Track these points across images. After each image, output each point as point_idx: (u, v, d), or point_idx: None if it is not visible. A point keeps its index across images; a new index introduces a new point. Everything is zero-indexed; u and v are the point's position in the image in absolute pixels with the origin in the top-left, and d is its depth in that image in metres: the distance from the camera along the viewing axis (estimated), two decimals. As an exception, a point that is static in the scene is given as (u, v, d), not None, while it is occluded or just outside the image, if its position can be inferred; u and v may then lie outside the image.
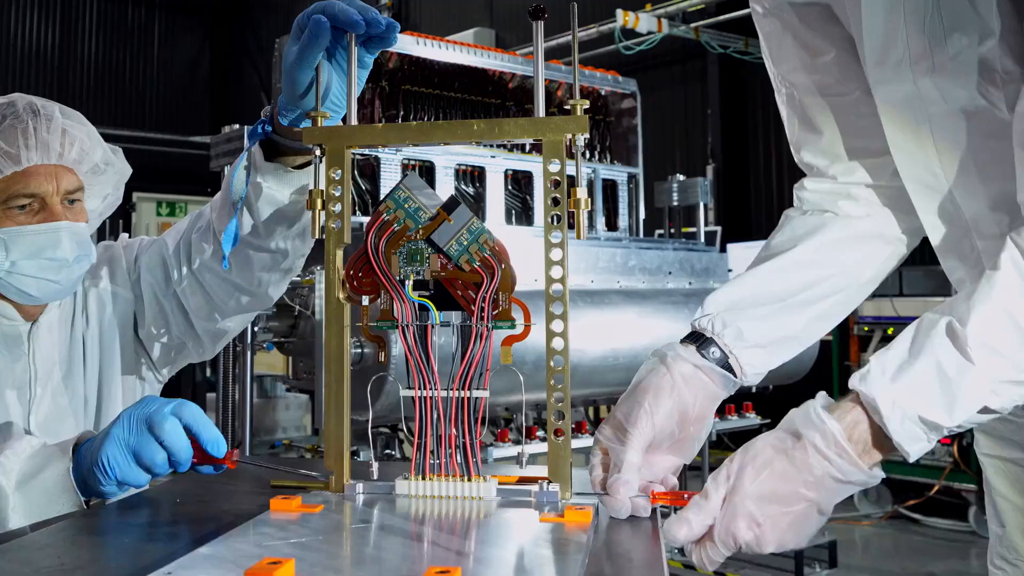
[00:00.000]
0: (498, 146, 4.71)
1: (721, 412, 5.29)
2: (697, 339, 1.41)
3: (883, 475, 1.16)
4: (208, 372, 8.79)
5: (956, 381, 1.13)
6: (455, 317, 1.27)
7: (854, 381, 1.17)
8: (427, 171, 4.46)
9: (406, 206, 1.29)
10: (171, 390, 2.09)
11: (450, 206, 1.28)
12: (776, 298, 1.44)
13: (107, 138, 1.87)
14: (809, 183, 1.57)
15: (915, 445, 1.15)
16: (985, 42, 1.27)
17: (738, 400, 4.97)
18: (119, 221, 10.22)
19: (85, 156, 1.78)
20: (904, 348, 1.17)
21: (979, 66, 1.28)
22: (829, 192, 1.55)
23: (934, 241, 1.44)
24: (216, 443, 1.39)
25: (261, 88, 16.76)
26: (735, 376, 1.42)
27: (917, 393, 1.13)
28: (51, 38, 16.61)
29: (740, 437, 8.99)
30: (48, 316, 1.84)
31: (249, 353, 4.27)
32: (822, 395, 1.19)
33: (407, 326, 1.27)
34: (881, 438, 1.15)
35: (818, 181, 1.57)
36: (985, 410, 1.15)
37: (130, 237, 2.07)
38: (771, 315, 1.43)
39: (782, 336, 1.46)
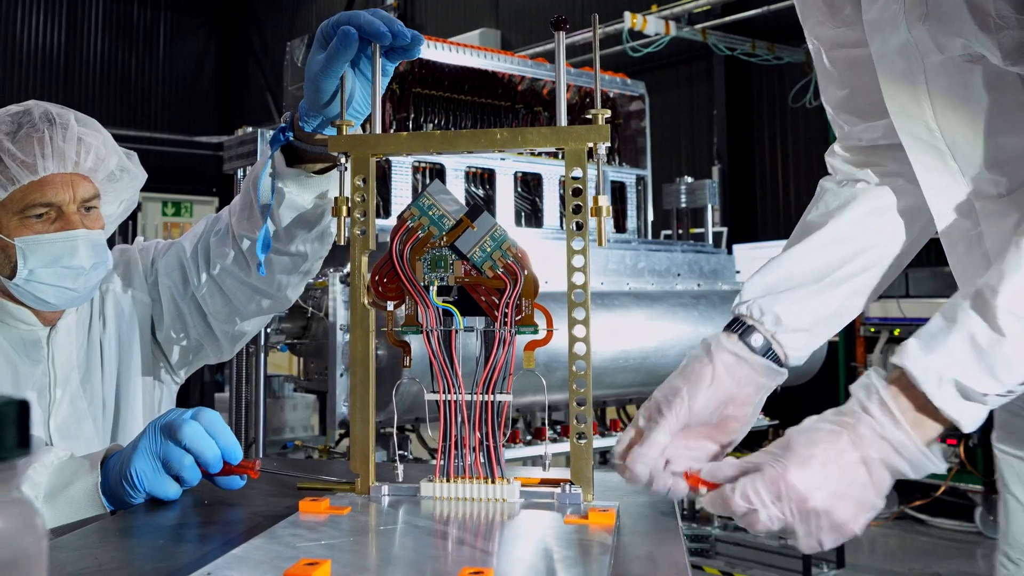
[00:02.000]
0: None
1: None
2: (739, 327, 1.40)
3: (943, 462, 1.15)
4: (217, 373, 8.83)
5: (989, 352, 1.11)
6: (479, 322, 1.29)
7: (893, 356, 1.16)
8: (438, 173, 4.48)
9: (430, 213, 1.31)
10: (180, 392, 2.11)
11: (473, 213, 1.30)
12: (813, 278, 1.43)
13: (113, 138, 1.89)
14: (839, 148, 1.55)
15: (960, 412, 1.13)
16: None
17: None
18: (128, 223, 10.24)
19: (101, 164, 1.80)
20: (940, 321, 1.16)
21: (972, 10, 1.22)
22: (858, 162, 1.53)
23: (931, 201, 1.41)
24: (232, 450, 1.40)
25: (266, 88, 16.77)
26: (779, 363, 1.41)
27: (952, 363, 1.12)
28: (57, 38, 16.62)
29: (748, 438, 9.01)
30: (66, 320, 1.86)
31: (262, 354, 4.29)
32: (877, 367, 1.19)
33: (432, 331, 1.29)
34: (929, 409, 1.14)
35: (847, 146, 1.55)
36: None
37: (135, 237, 2.09)
38: (809, 296, 1.42)
39: (822, 316, 1.44)
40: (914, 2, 1.27)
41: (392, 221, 4.05)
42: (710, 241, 5.89)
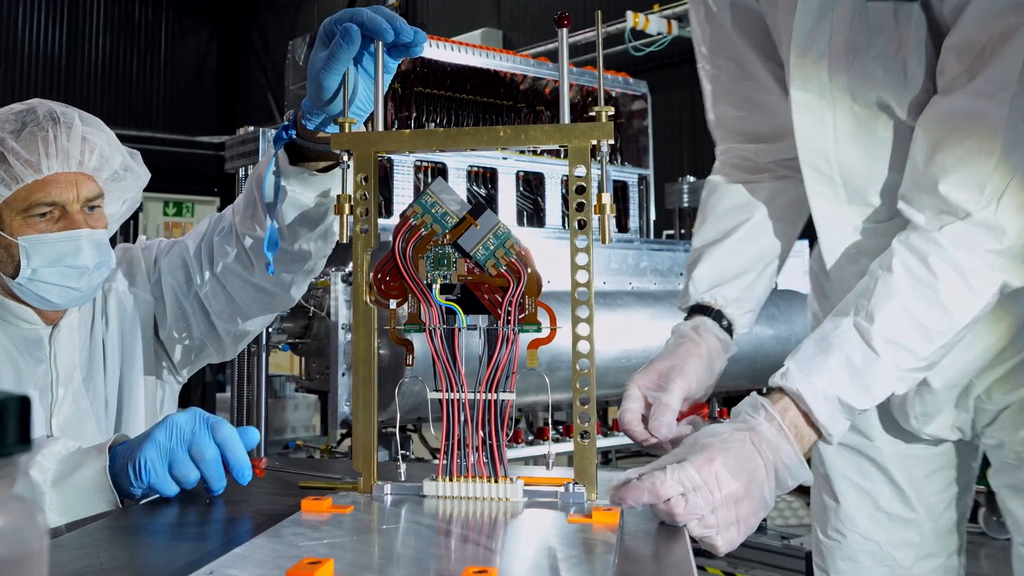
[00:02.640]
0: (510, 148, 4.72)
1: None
2: (709, 312, 1.67)
3: (811, 476, 1.39)
4: (218, 373, 8.82)
5: (864, 371, 1.34)
6: (482, 320, 1.29)
7: (775, 380, 1.36)
8: (440, 173, 4.48)
9: (433, 211, 1.30)
10: (181, 392, 2.11)
11: (476, 211, 1.30)
12: (749, 266, 1.70)
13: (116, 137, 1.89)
14: (739, 154, 1.79)
15: (836, 426, 1.35)
16: (900, 50, 1.46)
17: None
18: (129, 222, 10.24)
19: (105, 163, 1.79)
20: (814, 348, 1.37)
21: (891, 70, 1.47)
22: (754, 163, 1.78)
23: (817, 218, 1.64)
24: (242, 470, 1.39)
25: (268, 88, 16.77)
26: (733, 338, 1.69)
27: (833, 382, 1.33)
28: (58, 38, 16.62)
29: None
30: (68, 320, 1.86)
31: (264, 354, 4.28)
32: (755, 394, 1.38)
33: (435, 329, 1.28)
34: (808, 425, 1.34)
35: (744, 152, 1.79)
36: (892, 394, 1.37)
37: (137, 237, 2.09)
38: (751, 282, 1.70)
39: (759, 296, 1.73)
40: (839, 54, 1.50)
41: (394, 220, 4.04)
42: (712, 241, 5.86)
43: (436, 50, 4.58)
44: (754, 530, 1.29)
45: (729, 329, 1.68)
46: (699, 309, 1.67)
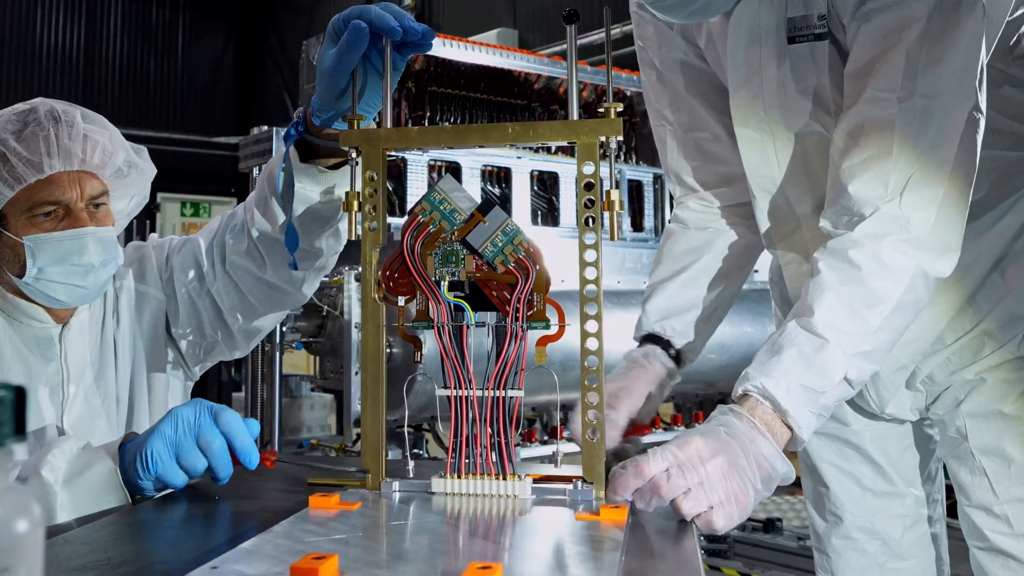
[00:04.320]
0: (524, 147, 4.72)
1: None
2: (658, 341, 1.81)
3: (792, 471, 1.39)
4: (233, 372, 8.83)
5: (816, 357, 1.42)
6: (490, 317, 1.29)
7: (738, 389, 1.44)
8: (453, 172, 4.48)
9: (441, 208, 1.30)
10: (196, 390, 2.10)
11: (485, 208, 1.30)
12: (699, 303, 1.85)
13: (131, 139, 1.88)
14: (693, 204, 1.96)
15: (803, 417, 1.40)
16: (820, 82, 1.64)
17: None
18: (146, 222, 10.25)
19: (108, 160, 1.79)
20: (766, 354, 1.46)
21: (816, 99, 1.66)
22: (707, 212, 1.94)
23: (774, 235, 1.82)
24: (248, 454, 1.41)
25: (284, 89, 16.80)
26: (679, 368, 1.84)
27: (791, 372, 1.41)
28: (76, 39, 16.69)
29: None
30: (79, 318, 1.86)
31: (278, 353, 4.29)
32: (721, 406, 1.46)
33: (443, 326, 1.28)
34: (777, 422, 1.40)
35: (698, 202, 1.95)
36: (846, 381, 1.44)
37: (157, 237, 2.09)
38: (698, 317, 1.84)
39: (708, 330, 1.87)
40: (771, 92, 1.69)
41: (408, 220, 4.03)
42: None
43: (449, 49, 4.58)
44: (750, 512, 1.33)
45: (677, 359, 1.81)
46: (650, 338, 1.82)
